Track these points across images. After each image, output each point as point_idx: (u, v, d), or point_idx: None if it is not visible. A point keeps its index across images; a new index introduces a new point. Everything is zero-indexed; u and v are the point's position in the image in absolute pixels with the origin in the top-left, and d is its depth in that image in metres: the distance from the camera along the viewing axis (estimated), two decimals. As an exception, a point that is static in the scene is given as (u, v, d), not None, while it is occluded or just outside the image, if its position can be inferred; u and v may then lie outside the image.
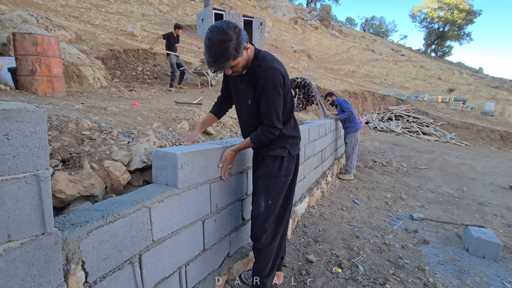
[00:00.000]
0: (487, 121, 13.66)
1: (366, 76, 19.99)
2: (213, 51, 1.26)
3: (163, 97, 6.57)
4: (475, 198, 4.30)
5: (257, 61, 1.44)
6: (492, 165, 7.20)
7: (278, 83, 1.42)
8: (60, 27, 8.03)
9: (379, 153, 6.92)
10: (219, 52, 1.26)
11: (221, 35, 1.25)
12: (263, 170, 1.66)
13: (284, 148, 1.64)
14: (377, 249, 2.56)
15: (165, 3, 18.95)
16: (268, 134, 1.52)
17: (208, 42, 1.27)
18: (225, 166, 1.64)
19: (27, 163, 0.76)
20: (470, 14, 41.79)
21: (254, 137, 1.57)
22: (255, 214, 1.67)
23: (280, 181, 1.65)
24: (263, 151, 1.68)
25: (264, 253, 1.68)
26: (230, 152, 1.64)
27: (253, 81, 1.46)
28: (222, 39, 1.25)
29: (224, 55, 1.27)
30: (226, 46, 1.25)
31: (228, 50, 1.26)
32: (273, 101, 1.45)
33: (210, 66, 1.32)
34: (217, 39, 1.25)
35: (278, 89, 1.43)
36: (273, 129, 1.51)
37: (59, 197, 1.58)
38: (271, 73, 1.40)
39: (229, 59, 1.29)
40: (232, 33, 1.27)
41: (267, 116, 1.49)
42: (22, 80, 4.46)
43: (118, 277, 1.09)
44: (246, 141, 1.61)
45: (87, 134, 2.21)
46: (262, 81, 1.41)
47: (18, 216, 0.75)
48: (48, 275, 0.84)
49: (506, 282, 2.20)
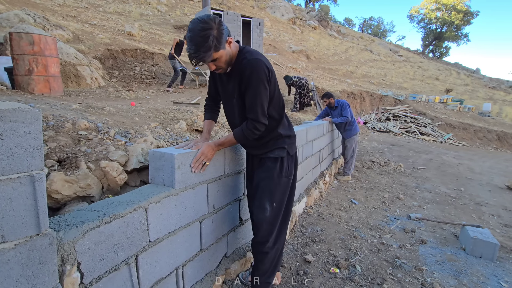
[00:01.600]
0: (484, 121, 13.74)
1: (364, 76, 20.04)
2: (194, 41, 1.24)
3: (161, 97, 6.55)
4: (472, 198, 4.32)
5: (241, 55, 1.42)
6: (489, 165, 7.23)
7: (264, 75, 1.39)
8: (58, 26, 7.99)
9: (377, 153, 6.94)
10: (200, 42, 1.24)
11: (202, 23, 1.24)
12: (264, 173, 1.62)
13: (283, 148, 1.61)
14: (374, 249, 2.56)
15: (163, 3, 18.91)
16: (253, 129, 1.45)
17: (189, 34, 1.25)
18: (199, 162, 1.46)
19: (21, 164, 0.76)
20: (467, 15, 42.00)
21: (238, 132, 1.49)
22: (260, 218, 1.61)
23: (283, 182, 1.63)
24: (260, 154, 1.63)
25: (269, 256, 1.66)
26: (211, 146, 1.49)
27: (240, 75, 1.42)
28: (203, 27, 1.23)
29: (205, 45, 1.24)
30: (207, 34, 1.24)
31: (208, 39, 1.24)
32: (259, 94, 1.40)
33: (191, 58, 1.28)
34: (197, 28, 1.24)
35: (263, 81, 1.39)
36: (258, 124, 1.44)
37: (55, 197, 1.57)
38: (256, 65, 1.37)
39: (210, 49, 1.26)
40: (213, 23, 1.25)
41: (252, 110, 1.43)
42: (19, 79, 4.44)
43: (114, 278, 1.08)
44: (229, 137, 1.52)
45: (83, 134, 2.20)
46: (247, 73, 1.38)
47: (12, 217, 0.75)
48: (43, 276, 0.83)
49: (502, 281, 2.21)
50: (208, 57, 1.28)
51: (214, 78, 1.64)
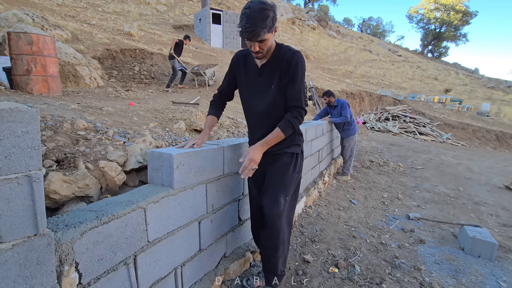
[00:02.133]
0: (483, 121, 13.77)
1: (363, 76, 20.06)
2: (252, 17, 1.30)
3: (160, 97, 6.55)
4: (471, 198, 4.32)
5: (282, 48, 1.51)
6: (487, 165, 7.25)
7: (305, 67, 1.52)
8: (56, 26, 7.97)
9: (376, 153, 6.95)
10: (258, 19, 1.30)
11: (262, 4, 1.31)
12: (279, 168, 1.62)
13: (298, 145, 1.68)
14: (373, 249, 2.57)
15: (162, 3, 18.89)
16: (299, 117, 1.52)
17: (247, 10, 1.31)
18: (249, 168, 1.46)
19: (19, 164, 0.75)
20: (466, 15, 42.11)
21: (284, 124, 1.50)
22: (275, 213, 1.57)
23: (295, 178, 1.67)
24: (276, 150, 1.61)
25: (281, 249, 1.68)
26: (259, 149, 1.48)
27: (279, 65, 1.50)
28: (263, 7, 1.31)
29: (263, 23, 1.31)
30: (266, 14, 1.31)
31: (267, 18, 1.31)
32: (302, 83, 1.51)
33: (246, 33, 1.32)
34: (258, 7, 1.30)
35: (304, 73, 1.52)
36: (302, 111, 1.52)
37: (53, 197, 1.57)
38: (301, 56, 1.49)
39: (265, 27, 1.32)
40: (271, 7, 1.34)
41: (297, 98, 1.51)
42: (17, 79, 4.43)
43: (112, 278, 1.08)
44: (275, 133, 1.51)
45: (82, 134, 2.20)
46: (294, 63, 1.47)
47: (10, 217, 0.74)
48: (40, 277, 0.83)
49: (501, 281, 2.21)
50: (262, 34, 1.34)
51: (238, 72, 1.65)
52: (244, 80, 1.63)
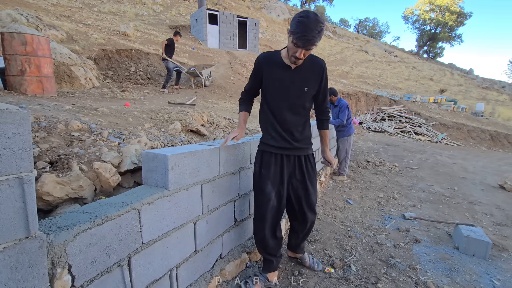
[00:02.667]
0: (478, 121, 13.91)
1: (359, 77, 20.17)
2: (310, 27, 1.38)
3: (156, 98, 6.52)
4: (466, 197, 4.36)
5: (312, 55, 1.65)
6: (482, 164, 7.33)
7: None
8: (51, 26, 7.91)
9: (372, 153, 6.99)
10: (314, 30, 1.39)
11: (319, 17, 1.41)
12: (313, 172, 1.83)
13: (312, 144, 1.85)
14: (369, 249, 2.58)
15: (158, 3, 18.83)
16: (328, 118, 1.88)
17: (304, 19, 1.39)
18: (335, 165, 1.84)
19: (10, 166, 0.75)
20: (461, 16, 42.55)
21: (327, 123, 1.89)
22: (311, 220, 1.93)
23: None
24: (303, 151, 1.77)
25: None
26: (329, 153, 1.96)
27: (313, 70, 1.66)
28: (319, 20, 1.39)
29: (318, 34, 1.41)
30: (321, 27, 1.41)
31: (321, 30, 1.42)
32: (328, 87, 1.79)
33: (303, 40, 1.40)
34: (315, 18, 1.39)
35: None
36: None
37: (46, 199, 1.55)
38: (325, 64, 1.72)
39: (318, 39, 1.43)
40: (324, 21, 1.44)
41: (327, 101, 1.82)
42: (11, 80, 4.38)
43: (106, 280, 1.07)
44: (325, 134, 1.92)
45: (76, 135, 2.18)
46: (325, 70, 1.69)
47: (1, 220, 0.74)
48: (32, 280, 0.82)
49: (495, 279, 2.23)
50: (315, 45, 1.46)
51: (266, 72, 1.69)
52: (276, 78, 1.69)
